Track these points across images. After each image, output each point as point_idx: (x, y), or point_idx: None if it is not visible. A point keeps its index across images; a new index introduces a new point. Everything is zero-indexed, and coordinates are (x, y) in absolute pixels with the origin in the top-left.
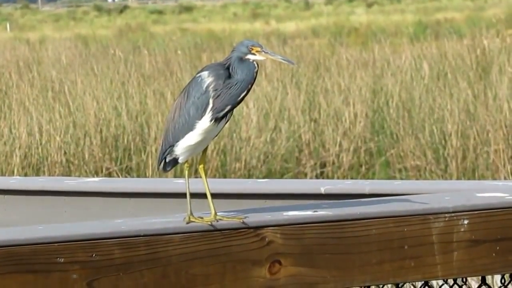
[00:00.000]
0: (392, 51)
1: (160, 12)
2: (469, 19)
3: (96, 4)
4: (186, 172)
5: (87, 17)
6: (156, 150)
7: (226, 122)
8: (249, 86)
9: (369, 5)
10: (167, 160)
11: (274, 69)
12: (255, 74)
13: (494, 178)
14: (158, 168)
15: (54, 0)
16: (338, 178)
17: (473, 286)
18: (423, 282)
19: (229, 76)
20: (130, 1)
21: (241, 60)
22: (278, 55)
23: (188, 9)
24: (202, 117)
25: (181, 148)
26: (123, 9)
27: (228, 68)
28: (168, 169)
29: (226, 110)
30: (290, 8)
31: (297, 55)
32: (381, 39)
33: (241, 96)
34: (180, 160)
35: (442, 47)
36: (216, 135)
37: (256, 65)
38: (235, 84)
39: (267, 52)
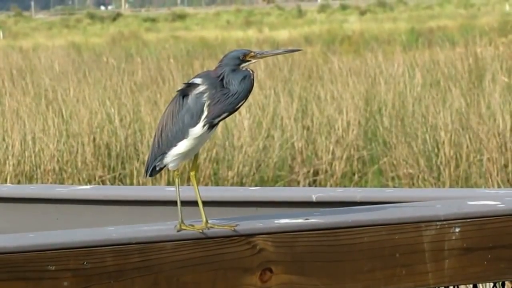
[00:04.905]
0: (385, 59)
1: (153, 20)
2: (462, 27)
3: (89, 12)
4: (177, 180)
5: (80, 25)
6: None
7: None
8: (248, 93)
9: (362, 13)
10: (157, 168)
11: (267, 76)
12: (253, 81)
13: (487, 187)
14: (145, 176)
15: (48, 8)
16: (331, 186)
17: None
18: None
19: (223, 86)
20: (123, 9)
21: (234, 71)
22: (276, 50)
23: (181, 17)
24: (196, 124)
25: (173, 155)
26: (116, 17)
27: (221, 80)
28: (153, 174)
29: (222, 116)
30: (283, 16)
31: (289, 62)
32: (374, 47)
33: (240, 104)
34: (171, 167)
35: (435, 55)
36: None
37: (251, 72)
38: (235, 93)
39: (262, 53)
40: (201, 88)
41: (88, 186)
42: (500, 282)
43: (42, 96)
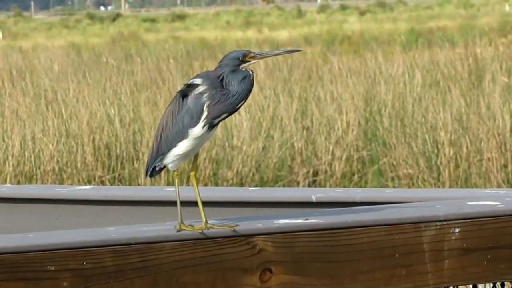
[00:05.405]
0: (385, 59)
1: (152, 20)
2: (461, 27)
3: (89, 12)
4: (176, 180)
5: (80, 25)
6: None
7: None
8: (248, 94)
9: (362, 14)
10: (157, 168)
11: (267, 77)
12: (252, 82)
13: (487, 187)
14: (145, 176)
15: (47, 8)
16: (330, 186)
17: None
18: None
19: (222, 86)
20: (123, 9)
21: (234, 71)
22: (276, 51)
23: (181, 17)
24: (196, 124)
25: (173, 156)
26: (115, 17)
27: (221, 80)
28: (153, 175)
29: (222, 117)
30: (283, 16)
31: (289, 63)
32: (373, 48)
33: (240, 105)
34: (170, 168)
35: (434, 56)
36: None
37: (251, 72)
38: (234, 94)
39: (262, 54)
40: (201, 89)
41: (87, 187)
42: (500, 282)
43: (41, 96)
